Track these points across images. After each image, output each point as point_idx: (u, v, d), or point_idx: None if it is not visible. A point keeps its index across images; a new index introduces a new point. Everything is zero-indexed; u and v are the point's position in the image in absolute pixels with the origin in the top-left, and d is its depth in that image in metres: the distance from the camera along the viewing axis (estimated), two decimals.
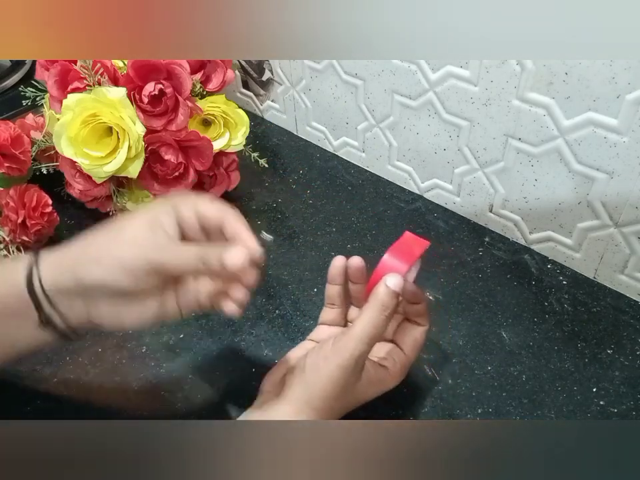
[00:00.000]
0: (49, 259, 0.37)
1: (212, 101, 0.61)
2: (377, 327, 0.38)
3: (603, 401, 0.46)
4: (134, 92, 0.55)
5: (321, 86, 0.68)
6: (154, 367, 0.50)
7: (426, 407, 0.46)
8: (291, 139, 0.76)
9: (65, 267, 0.37)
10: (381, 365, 0.42)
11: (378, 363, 0.42)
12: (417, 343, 0.43)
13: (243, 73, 0.78)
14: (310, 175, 0.70)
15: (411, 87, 0.58)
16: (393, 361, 0.42)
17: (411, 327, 0.44)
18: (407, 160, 0.65)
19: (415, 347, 0.43)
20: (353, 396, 0.40)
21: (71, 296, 0.37)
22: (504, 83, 0.51)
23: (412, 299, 0.42)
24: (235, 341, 0.52)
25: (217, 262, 0.35)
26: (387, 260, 0.40)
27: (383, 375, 0.42)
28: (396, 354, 0.43)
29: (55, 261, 0.37)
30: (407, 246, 0.41)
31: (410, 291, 0.41)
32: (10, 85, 0.74)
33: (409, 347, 0.43)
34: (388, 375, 0.42)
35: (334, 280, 0.45)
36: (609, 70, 0.44)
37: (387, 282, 0.39)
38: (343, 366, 0.38)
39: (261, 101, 0.79)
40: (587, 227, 0.53)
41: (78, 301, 0.37)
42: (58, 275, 0.37)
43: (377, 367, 0.41)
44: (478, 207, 0.61)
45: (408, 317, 0.44)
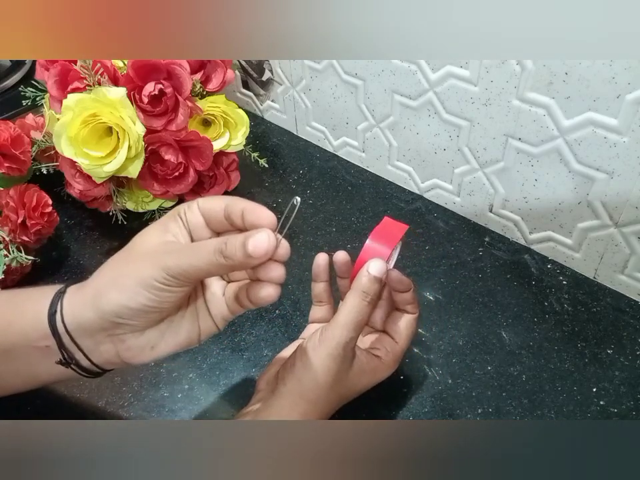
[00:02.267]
0: (73, 295, 0.35)
1: (212, 100, 0.61)
2: (361, 312, 0.38)
3: (603, 400, 0.46)
4: (134, 92, 0.55)
5: (321, 86, 0.68)
6: (154, 367, 0.50)
7: (426, 407, 0.46)
8: (291, 138, 0.76)
9: (86, 301, 0.35)
10: (373, 355, 0.42)
11: (371, 353, 0.42)
12: (408, 331, 0.43)
13: (243, 73, 0.78)
14: (310, 174, 0.70)
15: (411, 86, 0.58)
16: (386, 350, 0.42)
17: (401, 315, 0.43)
18: (406, 160, 0.65)
19: (406, 335, 0.43)
20: (346, 386, 0.40)
21: (94, 332, 0.35)
22: (504, 82, 0.51)
23: (399, 288, 0.42)
24: (234, 341, 0.52)
25: (240, 252, 0.31)
26: (369, 245, 0.40)
27: (375, 364, 0.41)
28: (388, 343, 0.43)
29: (77, 295, 0.35)
30: (388, 230, 0.41)
31: (396, 279, 0.41)
32: (10, 84, 0.74)
33: (400, 335, 0.43)
34: (381, 364, 0.42)
35: (318, 277, 0.45)
36: (609, 70, 0.44)
37: (368, 268, 0.39)
38: (331, 355, 0.38)
39: (261, 101, 0.79)
40: (587, 227, 0.53)
41: (102, 336, 0.35)
42: (79, 309, 0.35)
43: (369, 357, 0.41)
44: (478, 207, 0.61)
45: (397, 306, 0.44)
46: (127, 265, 0.35)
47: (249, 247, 0.31)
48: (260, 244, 0.31)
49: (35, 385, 0.39)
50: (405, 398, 0.47)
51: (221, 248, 0.32)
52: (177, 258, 0.33)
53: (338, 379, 0.39)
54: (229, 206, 0.35)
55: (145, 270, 0.33)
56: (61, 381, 0.39)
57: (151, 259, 0.33)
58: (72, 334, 0.35)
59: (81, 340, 0.35)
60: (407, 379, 0.48)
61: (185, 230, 0.36)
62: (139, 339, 0.35)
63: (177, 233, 0.36)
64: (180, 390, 0.48)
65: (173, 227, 0.36)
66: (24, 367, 0.37)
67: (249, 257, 0.31)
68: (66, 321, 0.35)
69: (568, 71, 0.46)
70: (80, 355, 0.35)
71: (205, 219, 0.36)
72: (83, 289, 0.36)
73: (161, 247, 0.35)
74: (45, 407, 0.47)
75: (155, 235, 0.35)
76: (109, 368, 0.37)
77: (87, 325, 0.34)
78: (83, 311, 0.34)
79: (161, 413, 0.47)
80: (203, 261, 0.32)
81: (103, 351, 0.35)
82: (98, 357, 0.36)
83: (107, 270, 0.36)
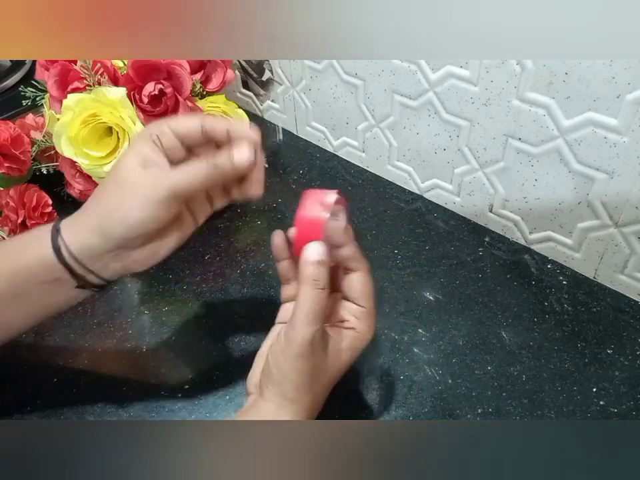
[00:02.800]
0: (71, 227, 0.40)
1: (212, 100, 0.61)
2: (316, 302, 0.37)
3: (603, 400, 0.46)
4: (134, 92, 0.55)
5: (321, 86, 0.68)
6: (154, 366, 0.50)
7: (426, 407, 0.46)
8: (291, 139, 0.76)
9: (90, 230, 0.39)
10: (345, 328, 0.40)
11: (342, 327, 0.40)
12: (366, 289, 0.41)
13: (243, 73, 0.78)
14: (310, 175, 0.70)
15: (411, 86, 0.58)
16: (356, 319, 0.41)
17: (351, 276, 0.41)
18: (406, 160, 0.65)
19: (365, 294, 0.41)
20: (327, 373, 0.39)
21: (102, 255, 0.39)
22: (504, 82, 0.51)
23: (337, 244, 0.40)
24: (235, 340, 0.52)
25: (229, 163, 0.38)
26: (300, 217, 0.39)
27: (351, 337, 0.40)
28: (354, 311, 0.41)
29: (77, 227, 0.39)
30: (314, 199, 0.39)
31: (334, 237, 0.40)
32: (10, 84, 0.74)
33: (361, 298, 0.41)
34: (356, 334, 0.40)
35: (280, 257, 0.44)
36: (609, 70, 0.44)
37: (307, 255, 0.38)
38: (299, 355, 0.37)
39: (261, 101, 0.79)
40: (587, 227, 0.53)
41: (109, 257, 0.39)
42: (84, 239, 0.39)
43: (343, 332, 0.40)
44: (478, 207, 0.61)
45: (344, 266, 0.41)
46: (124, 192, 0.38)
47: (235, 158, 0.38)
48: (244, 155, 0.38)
49: (44, 317, 0.42)
50: (405, 398, 0.47)
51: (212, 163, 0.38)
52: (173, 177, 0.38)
53: (315, 373, 0.38)
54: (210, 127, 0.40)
55: (151, 192, 0.38)
56: (69, 306, 0.42)
57: (152, 182, 0.38)
58: (82, 262, 0.39)
59: (91, 264, 0.39)
60: (407, 378, 0.48)
61: (161, 154, 0.40)
62: (142, 252, 0.40)
63: (155, 160, 0.39)
64: (180, 390, 0.48)
65: (150, 154, 0.39)
66: (35, 305, 0.41)
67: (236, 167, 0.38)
68: (74, 251, 0.39)
69: (568, 71, 0.46)
70: (92, 276, 0.40)
71: (180, 139, 0.40)
72: (82, 218, 0.40)
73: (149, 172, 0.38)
74: (45, 407, 0.47)
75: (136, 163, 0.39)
76: (116, 278, 0.42)
77: (96, 251, 0.39)
78: (89, 239, 0.39)
79: (160, 413, 0.47)
80: (199, 175, 0.38)
81: (110, 267, 0.40)
82: (107, 273, 0.41)
83: (105, 206, 0.39)
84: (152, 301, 0.56)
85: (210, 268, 0.59)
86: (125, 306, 0.55)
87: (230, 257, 0.60)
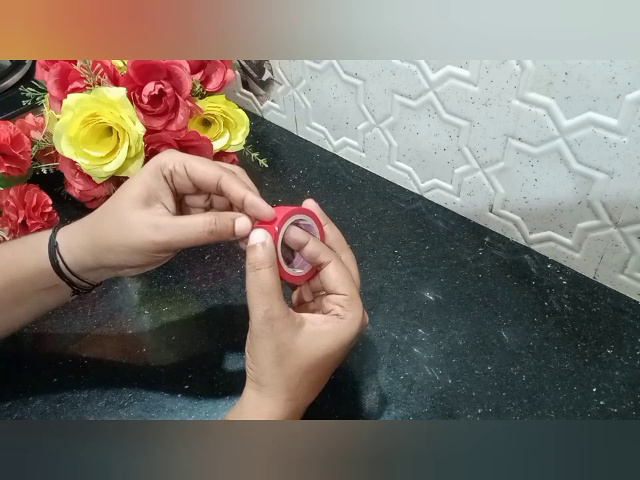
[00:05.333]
0: (67, 243, 0.41)
1: (212, 100, 0.61)
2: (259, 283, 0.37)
3: (603, 400, 0.46)
4: (134, 92, 0.55)
5: (321, 86, 0.68)
6: (154, 366, 0.50)
7: (426, 407, 0.46)
8: (291, 139, 0.76)
9: (84, 251, 0.41)
10: (331, 315, 0.39)
11: (327, 314, 0.39)
12: (340, 277, 0.40)
13: (242, 73, 0.78)
14: (310, 174, 0.70)
15: (411, 86, 0.58)
16: (340, 307, 0.39)
17: (325, 269, 0.40)
18: (406, 160, 0.65)
19: (342, 281, 0.39)
20: (300, 352, 0.38)
21: (96, 269, 0.42)
22: (504, 82, 0.51)
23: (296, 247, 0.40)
24: (234, 340, 0.52)
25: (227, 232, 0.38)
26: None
27: (334, 321, 0.39)
28: (337, 299, 0.39)
29: (72, 244, 0.41)
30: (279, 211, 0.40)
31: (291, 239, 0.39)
32: (10, 84, 0.74)
33: (339, 286, 0.39)
34: (341, 320, 0.39)
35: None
36: (609, 70, 0.44)
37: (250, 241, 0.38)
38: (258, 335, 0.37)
39: (261, 101, 0.79)
40: (586, 227, 0.53)
41: (103, 270, 0.42)
42: (79, 256, 0.41)
43: (326, 317, 0.39)
44: (478, 206, 0.61)
45: (316, 264, 0.41)
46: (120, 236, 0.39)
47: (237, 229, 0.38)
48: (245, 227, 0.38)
49: (43, 315, 0.46)
50: (405, 398, 0.47)
51: (211, 229, 0.38)
52: (166, 235, 0.38)
53: (283, 353, 0.37)
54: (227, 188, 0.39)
55: (137, 242, 0.38)
56: (67, 302, 0.46)
57: (141, 233, 0.38)
58: (78, 275, 0.42)
59: (86, 276, 0.43)
60: (407, 378, 0.48)
61: (169, 191, 0.40)
62: (135, 269, 0.42)
63: (160, 196, 0.39)
64: (180, 390, 0.48)
65: (157, 192, 0.39)
66: (34, 307, 0.44)
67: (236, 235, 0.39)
68: (70, 266, 0.41)
69: (568, 71, 0.46)
70: (87, 284, 0.44)
71: (195, 183, 0.40)
72: (78, 237, 0.41)
73: (150, 221, 0.39)
74: (45, 407, 0.47)
75: (140, 198, 0.39)
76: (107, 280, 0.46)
77: (89, 267, 0.41)
78: (84, 257, 0.41)
79: (160, 413, 0.47)
80: (192, 237, 0.38)
81: (105, 276, 0.44)
82: (102, 280, 0.45)
83: (100, 233, 0.40)
84: (152, 301, 0.56)
85: (210, 268, 0.59)
86: (125, 306, 0.55)
87: (230, 257, 0.60)
